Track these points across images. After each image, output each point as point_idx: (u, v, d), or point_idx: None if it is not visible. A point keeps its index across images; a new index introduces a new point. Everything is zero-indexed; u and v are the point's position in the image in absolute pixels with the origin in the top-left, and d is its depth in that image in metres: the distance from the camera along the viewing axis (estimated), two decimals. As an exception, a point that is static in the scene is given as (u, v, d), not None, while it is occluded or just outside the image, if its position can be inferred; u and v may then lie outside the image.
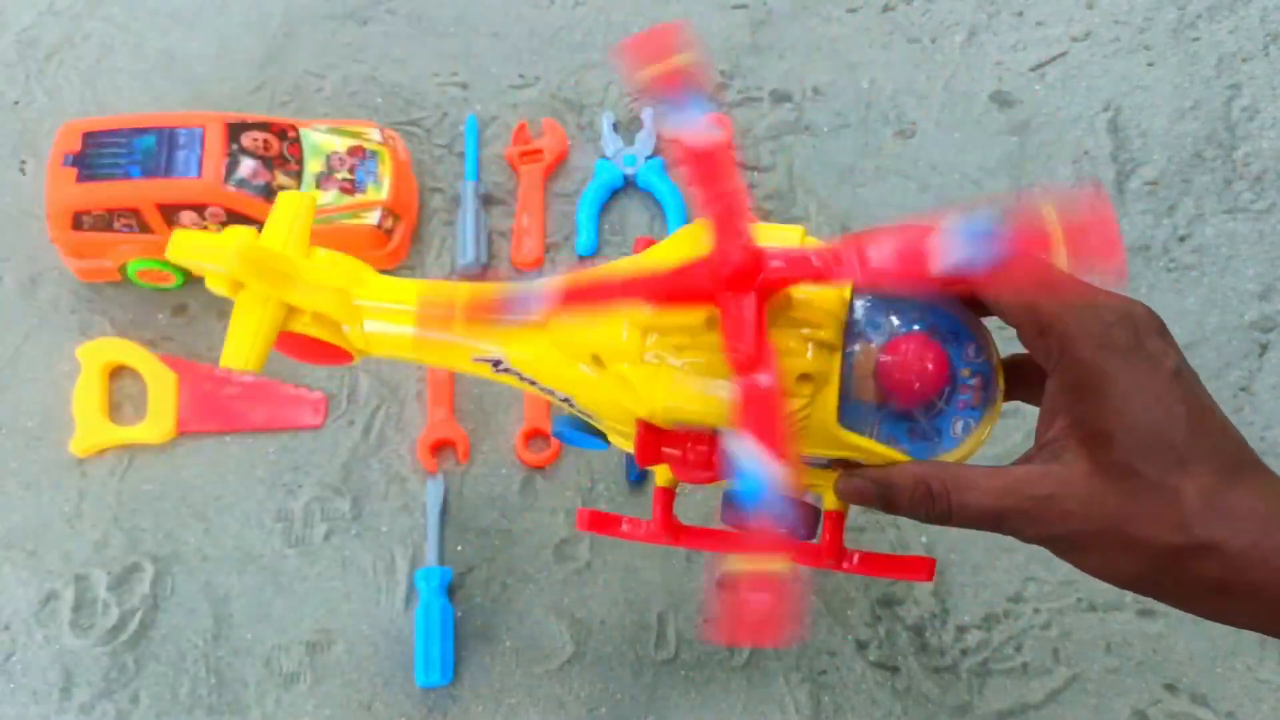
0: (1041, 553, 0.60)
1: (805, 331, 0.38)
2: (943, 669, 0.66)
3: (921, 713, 0.65)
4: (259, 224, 0.70)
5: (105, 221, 0.70)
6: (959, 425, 0.41)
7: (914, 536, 0.69)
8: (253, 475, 0.71)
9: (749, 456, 0.34)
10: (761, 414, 0.35)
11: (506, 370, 0.44)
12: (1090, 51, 0.82)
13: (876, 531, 0.69)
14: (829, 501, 0.44)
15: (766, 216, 0.78)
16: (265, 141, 0.72)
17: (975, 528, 0.37)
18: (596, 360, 0.41)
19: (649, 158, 0.79)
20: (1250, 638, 0.65)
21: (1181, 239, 0.76)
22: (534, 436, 0.72)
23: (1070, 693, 0.65)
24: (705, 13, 0.85)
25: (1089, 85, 0.81)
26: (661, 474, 0.46)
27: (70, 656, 0.67)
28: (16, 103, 0.83)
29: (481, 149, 0.80)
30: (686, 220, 0.77)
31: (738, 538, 0.45)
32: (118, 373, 0.75)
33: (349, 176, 0.73)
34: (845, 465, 0.41)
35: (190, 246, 0.43)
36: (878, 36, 0.83)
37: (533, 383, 0.44)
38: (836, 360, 0.39)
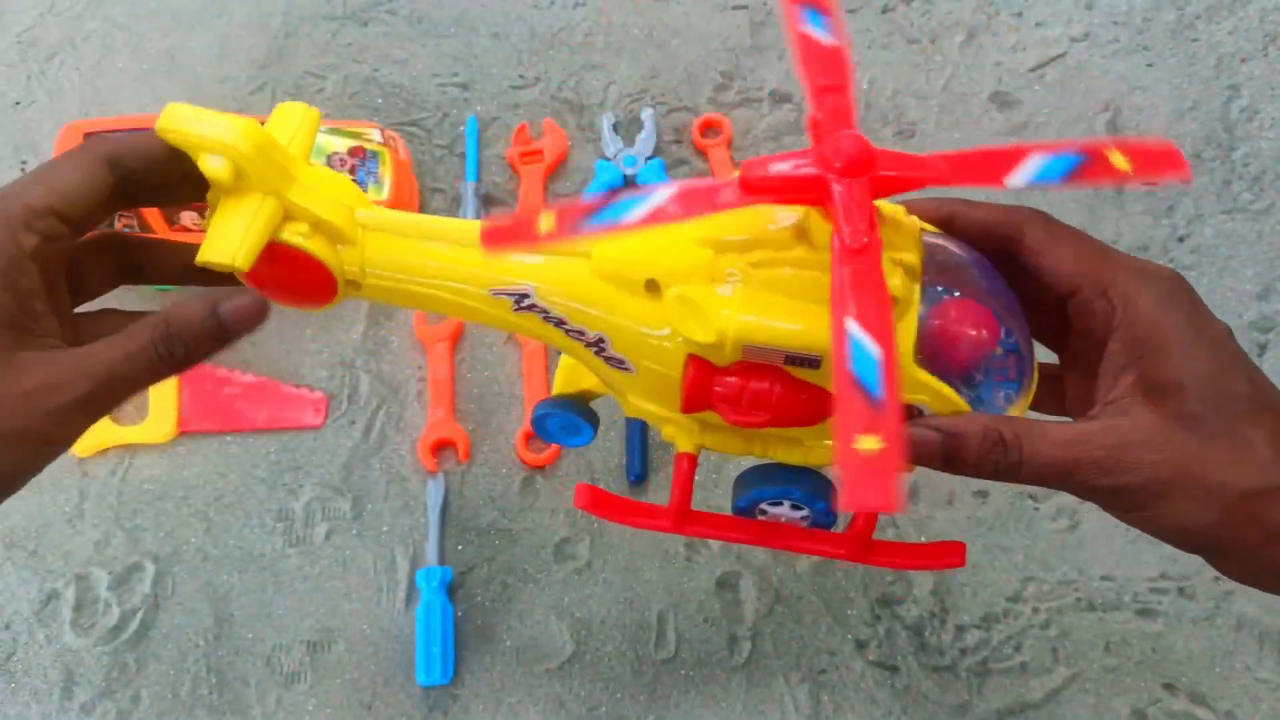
0: (1041, 553, 0.60)
1: (891, 254, 0.37)
2: (942, 668, 0.66)
3: (921, 712, 0.65)
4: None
5: (106, 222, 0.70)
6: (1000, 396, 0.39)
7: (913, 535, 0.69)
8: (253, 475, 0.71)
9: (860, 340, 0.32)
10: (871, 301, 0.33)
11: (531, 307, 0.40)
12: (1089, 52, 0.82)
13: (876, 531, 0.69)
14: None
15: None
16: (266, 142, 0.72)
17: (1042, 483, 0.36)
18: (652, 286, 0.38)
19: (649, 158, 0.79)
20: (1249, 638, 0.65)
21: (1180, 239, 0.76)
22: (534, 436, 0.72)
23: (1069, 692, 0.65)
24: (705, 13, 0.85)
25: (1088, 86, 0.81)
26: (685, 439, 0.43)
27: (71, 656, 0.67)
28: (18, 103, 0.83)
29: (482, 150, 0.81)
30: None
31: (756, 528, 0.45)
32: (119, 373, 0.75)
33: (349, 177, 0.73)
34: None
35: (188, 119, 0.36)
36: (877, 37, 0.83)
37: (559, 323, 0.40)
38: (917, 289, 0.37)
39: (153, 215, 0.70)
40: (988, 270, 0.40)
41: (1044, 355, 0.42)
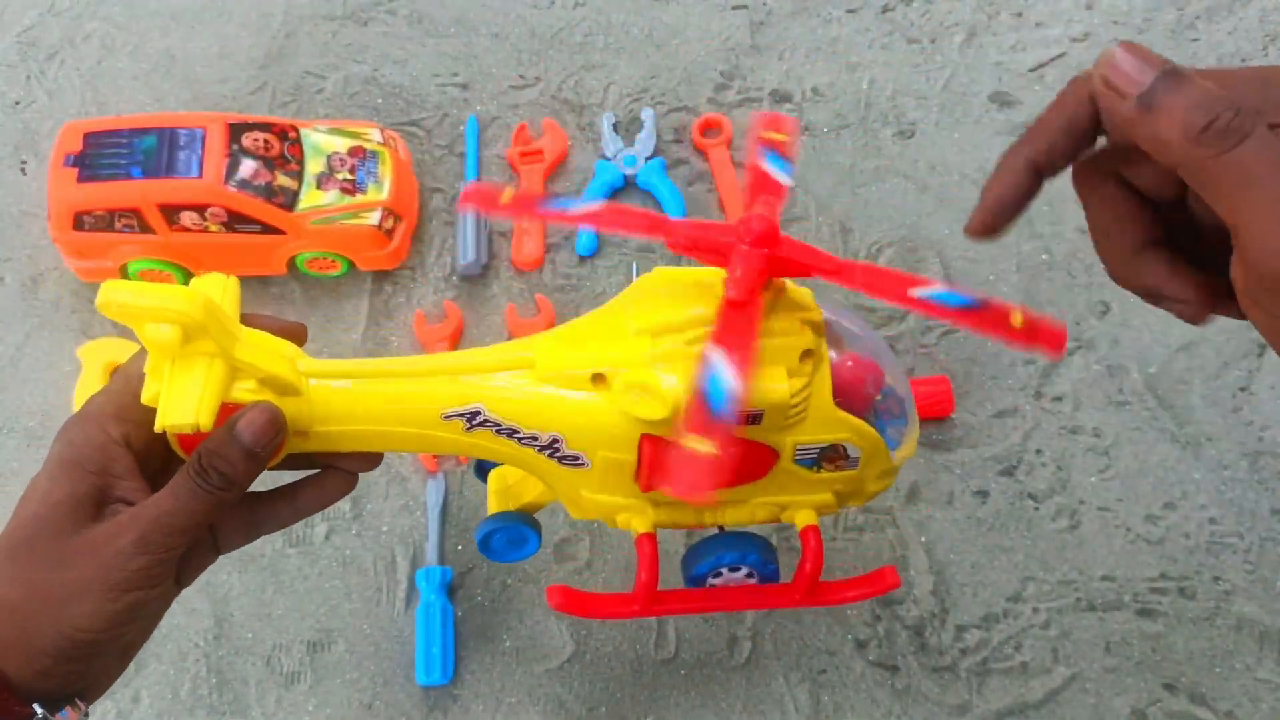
0: (1041, 553, 0.60)
1: (800, 315, 0.42)
2: (942, 668, 0.66)
3: (921, 712, 0.65)
4: (260, 225, 0.71)
5: (106, 222, 0.70)
6: (892, 430, 0.47)
7: (913, 535, 0.69)
8: (253, 475, 0.71)
9: (722, 371, 0.38)
10: (740, 335, 0.38)
11: (484, 423, 0.42)
12: (1090, 52, 0.82)
13: (876, 531, 0.69)
14: (803, 519, 0.48)
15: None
16: (266, 142, 0.72)
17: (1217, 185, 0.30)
18: (598, 379, 0.42)
19: (649, 158, 0.79)
20: (1249, 638, 0.65)
21: (1181, 239, 0.76)
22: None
23: (1069, 692, 0.65)
24: (705, 13, 0.85)
25: (1088, 86, 0.81)
26: (640, 521, 0.47)
27: (71, 656, 0.67)
28: (17, 103, 0.83)
29: (482, 150, 0.81)
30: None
31: (719, 595, 0.51)
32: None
33: (350, 177, 0.73)
34: (830, 459, 0.45)
35: (133, 292, 0.37)
36: (877, 37, 0.84)
37: (511, 433, 0.42)
38: (824, 343, 0.43)
39: (154, 215, 0.70)
40: (874, 338, 0.47)
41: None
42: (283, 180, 0.71)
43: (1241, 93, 0.30)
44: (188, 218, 0.70)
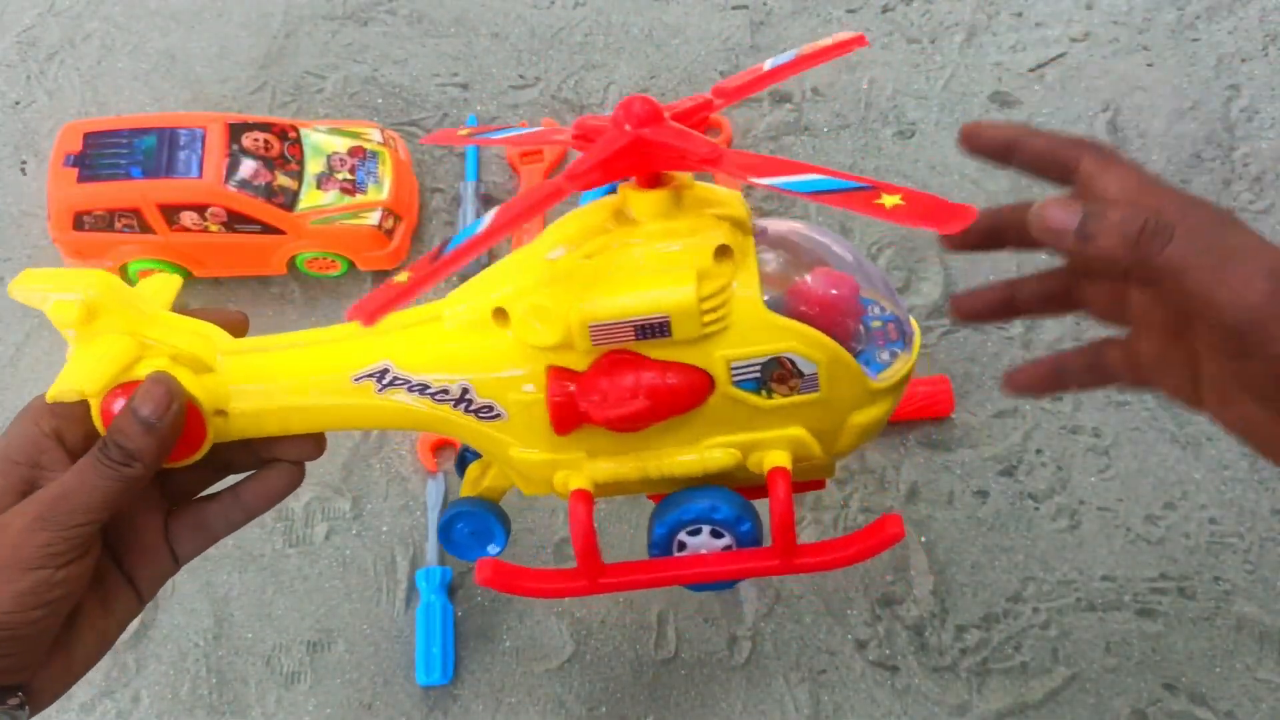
0: (1041, 553, 0.60)
1: (714, 210, 0.39)
2: (942, 668, 0.66)
3: (921, 712, 0.65)
4: (260, 225, 0.71)
5: (106, 222, 0.70)
6: (886, 354, 0.42)
7: (913, 535, 0.69)
8: (253, 475, 0.71)
9: (480, 221, 0.37)
10: (521, 207, 0.37)
11: (393, 381, 0.41)
12: (1089, 52, 0.82)
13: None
14: (771, 461, 0.41)
15: (766, 215, 0.78)
16: (266, 142, 0.72)
17: (1161, 277, 0.36)
18: (499, 314, 0.40)
19: (649, 158, 0.79)
20: (1249, 638, 0.65)
21: (1181, 239, 0.76)
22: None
23: (1069, 692, 0.65)
24: (705, 13, 0.85)
25: (1088, 86, 0.81)
26: (576, 477, 0.42)
27: (71, 656, 0.67)
28: (17, 103, 0.83)
29: (482, 149, 0.81)
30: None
31: (678, 565, 0.43)
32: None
33: (350, 177, 0.73)
34: (779, 379, 0.40)
35: (40, 277, 0.39)
36: (877, 37, 0.84)
37: (423, 389, 0.41)
38: (750, 242, 0.39)
39: (154, 215, 0.70)
40: (859, 257, 0.42)
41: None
42: (283, 180, 0.71)
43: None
44: (188, 218, 0.70)
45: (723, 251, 0.38)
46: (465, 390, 0.41)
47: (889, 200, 0.33)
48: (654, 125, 0.36)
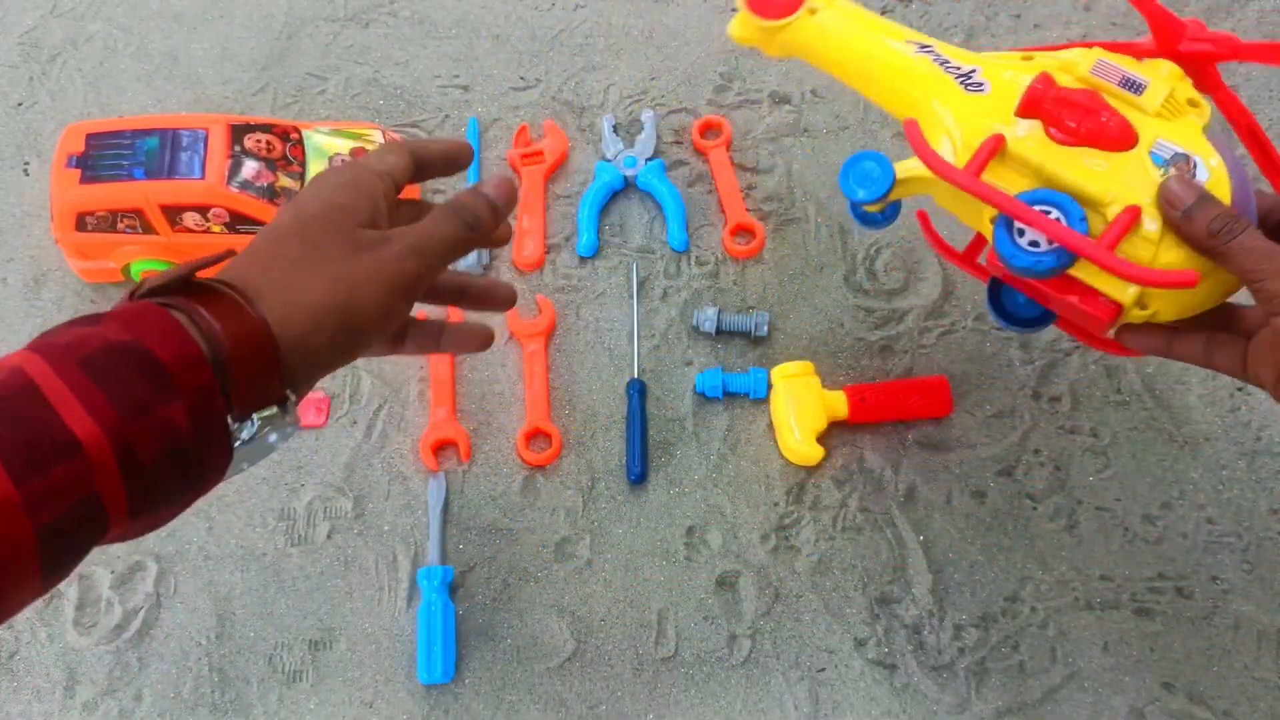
0: (1039, 553, 0.61)
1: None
2: (940, 667, 0.66)
3: (919, 711, 0.65)
4: (262, 225, 0.71)
5: (109, 223, 0.71)
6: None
7: (912, 534, 0.69)
8: (255, 474, 0.72)
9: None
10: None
11: (927, 52, 0.57)
12: (1088, 54, 0.82)
13: (875, 530, 0.69)
14: (1123, 204, 0.50)
15: (765, 218, 0.78)
16: (268, 143, 0.72)
17: (1238, 266, 0.47)
18: (1027, 57, 0.56)
19: (649, 159, 0.79)
20: (1247, 637, 0.66)
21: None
22: (534, 436, 0.72)
23: (1067, 691, 0.65)
24: (705, 15, 0.85)
25: (1086, 87, 0.81)
26: (1023, 136, 0.53)
27: (73, 655, 0.67)
28: (20, 104, 0.84)
29: (483, 151, 0.81)
30: (685, 222, 0.78)
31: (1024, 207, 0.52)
32: (121, 373, 0.75)
33: (351, 178, 0.73)
34: (1180, 166, 0.50)
35: None
36: (876, 39, 0.84)
37: (944, 63, 0.56)
38: (1208, 112, 0.53)
39: (155, 216, 0.70)
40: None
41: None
42: (285, 181, 0.72)
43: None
44: (190, 218, 0.71)
45: (1194, 103, 0.52)
46: (974, 71, 0.55)
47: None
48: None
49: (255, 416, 0.40)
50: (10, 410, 0.33)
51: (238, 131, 0.72)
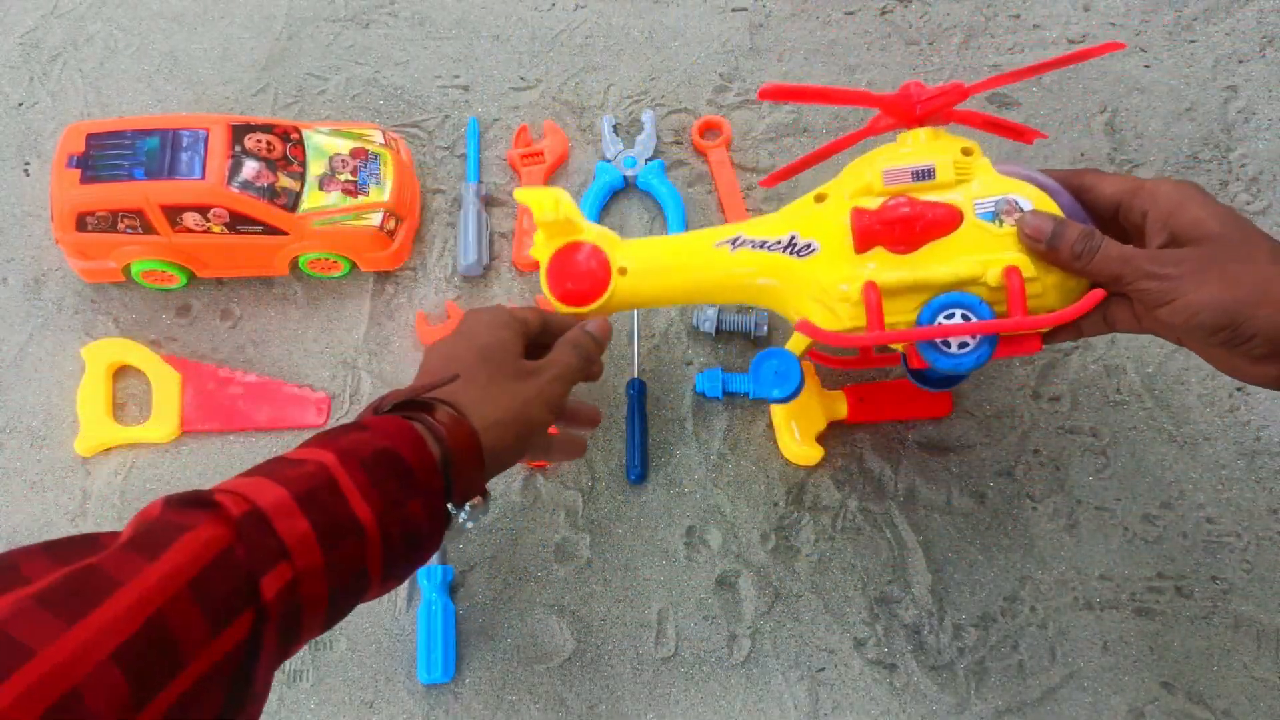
0: (1038, 552, 0.61)
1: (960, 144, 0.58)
2: (940, 667, 0.66)
3: (919, 710, 0.65)
4: (263, 226, 0.71)
5: (109, 222, 0.71)
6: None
7: (911, 534, 0.69)
8: (255, 474, 0.72)
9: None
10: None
11: (742, 244, 0.60)
12: (1087, 54, 0.82)
13: (875, 530, 0.69)
14: (1001, 264, 0.54)
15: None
16: (268, 143, 0.72)
17: (1101, 277, 0.51)
18: (820, 197, 0.59)
19: (649, 160, 0.79)
20: (1246, 637, 0.66)
21: (1178, 240, 0.76)
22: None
23: (1067, 690, 0.65)
24: (705, 15, 0.85)
25: (1085, 87, 0.81)
26: (865, 278, 0.55)
27: (74, 654, 0.67)
28: (20, 104, 0.84)
29: (483, 151, 0.81)
30: (685, 222, 0.78)
31: (938, 330, 0.55)
32: (122, 373, 0.75)
33: (351, 178, 0.73)
34: (1007, 211, 0.54)
35: (526, 197, 0.61)
36: (876, 39, 0.84)
37: (762, 245, 0.59)
38: (980, 151, 0.57)
39: (156, 216, 0.70)
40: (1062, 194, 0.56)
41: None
42: (285, 181, 0.72)
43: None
44: (190, 219, 0.71)
45: (967, 151, 0.56)
46: (793, 236, 0.58)
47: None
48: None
49: (467, 506, 0.51)
50: (320, 499, 0.42)
51: (238, 131, 0.72)
